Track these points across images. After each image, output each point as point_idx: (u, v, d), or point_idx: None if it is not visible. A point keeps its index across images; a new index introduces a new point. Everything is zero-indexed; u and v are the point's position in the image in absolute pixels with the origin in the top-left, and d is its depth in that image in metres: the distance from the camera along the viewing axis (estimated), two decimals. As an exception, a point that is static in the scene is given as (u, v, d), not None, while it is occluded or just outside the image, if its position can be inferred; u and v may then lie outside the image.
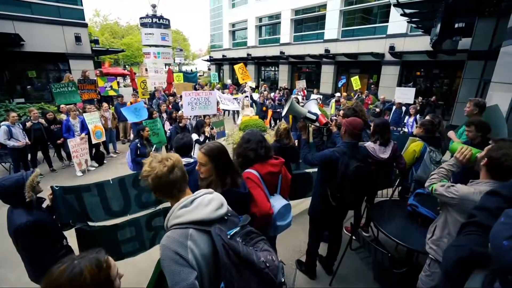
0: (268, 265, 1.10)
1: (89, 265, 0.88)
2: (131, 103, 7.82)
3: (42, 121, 5.71)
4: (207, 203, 1.20)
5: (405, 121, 7.07)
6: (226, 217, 1.22)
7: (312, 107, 3.00)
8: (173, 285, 1.05)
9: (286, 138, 3.13)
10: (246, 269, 1.07)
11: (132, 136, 8.35)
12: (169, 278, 1.06)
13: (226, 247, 1.07)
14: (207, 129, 4.89)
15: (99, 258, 0.92)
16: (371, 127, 3.13)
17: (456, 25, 7.21)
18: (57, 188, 2.18)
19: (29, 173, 1.99)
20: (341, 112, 3.72)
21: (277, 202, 2.02)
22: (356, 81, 10.49)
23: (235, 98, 8.50)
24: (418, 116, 6.66)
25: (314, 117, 2.77)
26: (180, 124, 5.62)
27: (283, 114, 2.87)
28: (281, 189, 2.17)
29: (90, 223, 2.41)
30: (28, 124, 5.45)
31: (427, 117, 3.39)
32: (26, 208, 1.92)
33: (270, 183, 2.03)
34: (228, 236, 1.11)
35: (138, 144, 4.35)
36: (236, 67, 10.58)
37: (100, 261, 0.91)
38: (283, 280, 1.14)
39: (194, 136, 4.75)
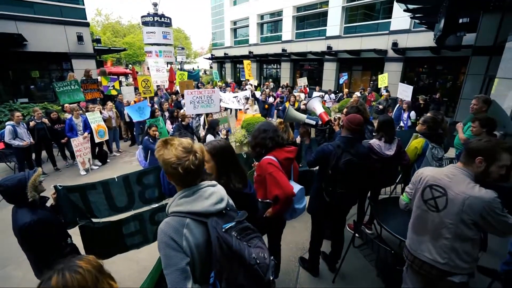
0: (258, 261, 1.14)
1: (84, 259, 0.88)
2: (135, 102, 7.86)
3: (46, 120, 5.75)
4: (208, 196, 1.22)
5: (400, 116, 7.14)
6: (224, 211, 1.25)
7: (315, 104, 2.99)
8: (165, 268, 1.11)
9: (284, 132, 3.13)
10: (236, 263, 1.11)
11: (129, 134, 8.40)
12: (163, 261, 1.12)
13: (220, 239, 1.11)
14: (223, 131, 4.87)
15: (83, 256, 0.93)
16: (376, 124, 3.11)
17: (460, 21, 7.11)
18: (60, 188, 2.20)
19: (31, 172, 1.99)
20: (345, 110, 3.71)
21: (294, 186, 2.10)
22: (383, 79, 10.31)
23: (235, 97, 8.49)
24: (412, 112, 6.85)
25: (313, 122, 2.77)
26: (183, 123, 5.63)
27: (282, 121, 2.89)
28: (293, 176, 2.27)
29: (94, 220, 2.44)
30: (32, 123, 5.50)
31: (429, 114, 3.36)
32: (30, 207, 1.93)
33: (286, 169, 2.13)
34: (223, 230, 1.15)
35: (150, 140, 4.44)
36: (245, 62, 10.60)
37: (86, 256, 0.92)
38: (271, 278, 1.17)
39: (210, 137, 4.77)
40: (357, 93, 9.50)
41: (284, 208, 2.03)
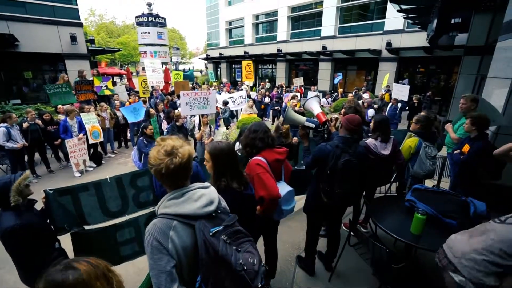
0: (245, 268, 1.10)
1: (89, 258, 0.87)
2: (129, 103, 7.81)
3: (39, 122, 5.66)
4: (197, 198, 1.20)
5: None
6: (214, 214, 1.22)
7: (313, 104, 2.99)
8: (151, 269, 1.10)
9: (285, 137, 3.17)
10: (222, 268, 1.09)
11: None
12: (149, 263, 1.11)
13: (206, 243, 1.10)
14: None
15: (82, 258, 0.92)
16: (372, 124, 3.14)
17: (452, 21, 7.21)
18: (50, 192, 2.12)
19: (18, 175, 1.93)
20: (343, 110, 3.72)
21: (283, 188, 2.12)
22: (385, 79, 10.43)
23: (230, 97, 8.50)
24: (370, 109, 7.13)
25: (313, 125, 2.76)
26: (177, 123, 5.60)
27: (282, 123, 2.89)
28: (285, 177, 2.28)
29: (87, 227, 2.34)
30: (25, 125, 5.40)
31: (422, 113, 3.41)
32: (15, 211, 1.87)
33: (275, 170, 2.13)
34: (210, 234, 1.12)
35: (145, 141, 4.43)
36: (244, 63, 10.39)
37: (87, 258, 0.90)
38: (259, 286, 1.14)
39: None
40: (366, 95, 9.49)
41: (269, 209, 2.04)
